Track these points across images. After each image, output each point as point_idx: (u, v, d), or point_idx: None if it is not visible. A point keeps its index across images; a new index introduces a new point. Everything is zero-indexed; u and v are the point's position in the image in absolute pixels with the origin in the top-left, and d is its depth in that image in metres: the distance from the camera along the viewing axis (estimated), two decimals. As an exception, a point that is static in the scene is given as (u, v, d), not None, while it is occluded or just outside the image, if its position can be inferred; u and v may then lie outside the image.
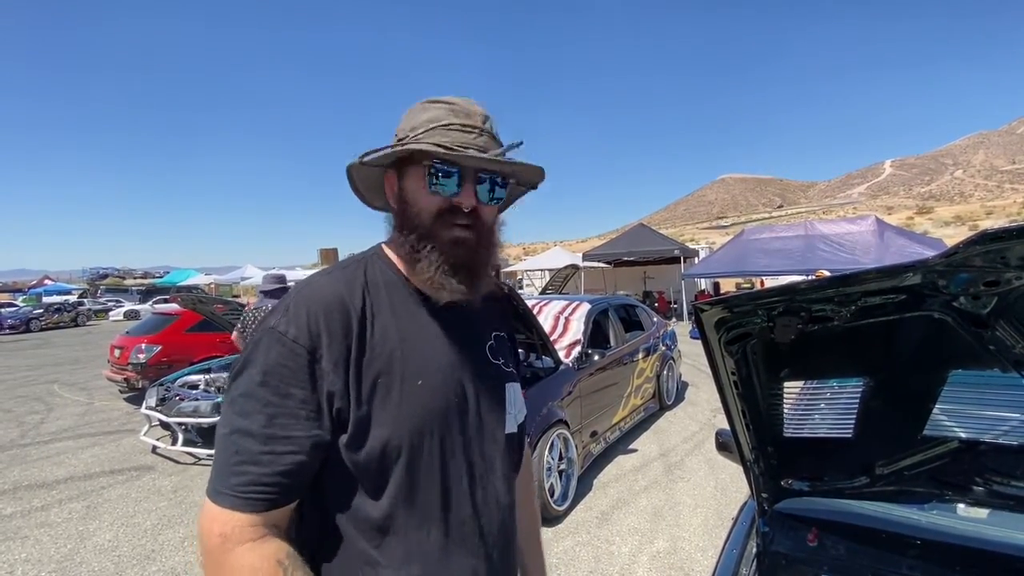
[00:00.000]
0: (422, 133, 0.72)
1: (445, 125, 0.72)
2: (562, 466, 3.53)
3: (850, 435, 1.33)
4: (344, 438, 0.68)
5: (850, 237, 11.93)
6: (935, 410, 1.22)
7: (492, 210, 0.78)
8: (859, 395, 1.28)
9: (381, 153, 0.72)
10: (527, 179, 0.81)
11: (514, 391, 0.86)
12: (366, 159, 0.73)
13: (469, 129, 0.73)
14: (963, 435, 1.27)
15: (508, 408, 0.84)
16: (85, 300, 25.46)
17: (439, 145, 0.70)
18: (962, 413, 1.27)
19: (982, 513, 1.32)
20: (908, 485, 1.33)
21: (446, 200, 0.73)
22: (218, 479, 0.64)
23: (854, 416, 1.31)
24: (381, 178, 0.80)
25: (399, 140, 0.74)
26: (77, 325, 21.55)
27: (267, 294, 4.70)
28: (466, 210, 0.74)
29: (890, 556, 1.31)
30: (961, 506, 1.34)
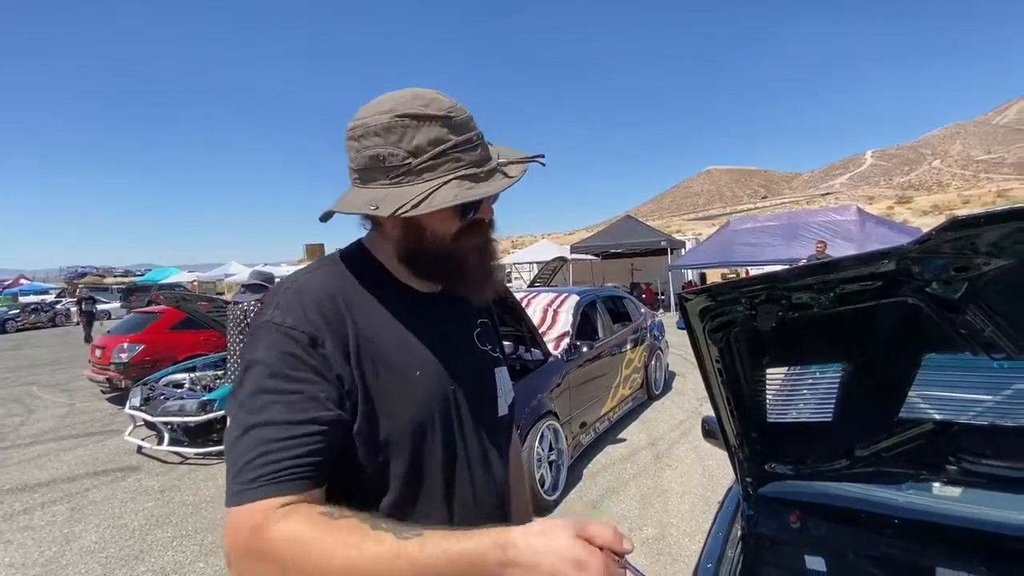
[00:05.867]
0: (431, 161, 0.69)
1: (455, 147, 0.70)
2: (552, 457, 3.56)
3: (830, 419, 1.37)
4: (352, 428, 0.68)
5: (832, 226, 12.13)
6: (911, 393, 1.26)
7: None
8: (839, 380, 1.31)
9: (420, 206, 0.66)
10: None
11: (502, 375, 0.88)
12: (405, 213, 0.66)
13: (474, 143, 0.72)
14: (937, 417, 1.32)
15: (499, 392, 0.86)
16: (63, 300, 24.88)
17: (464, 177, 0.70)
18: (936, 396, 1.31)
19: (955, 492, 1.37)
20: (886, 466, 1.38)
21: (466, 217, 0.74)
22: (237, 481, 0.60)
23: (834, 401, 1.35)
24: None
25: (400, 166, 0.69)
26: (55, 325, 21.06)
27: (246, 288, 4.56)
28: (487, 222, 0.78)
29: (869, 535, 1.35)
30: (936, 485, 1.39)
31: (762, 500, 1.50)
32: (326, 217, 0.73)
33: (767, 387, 1.34)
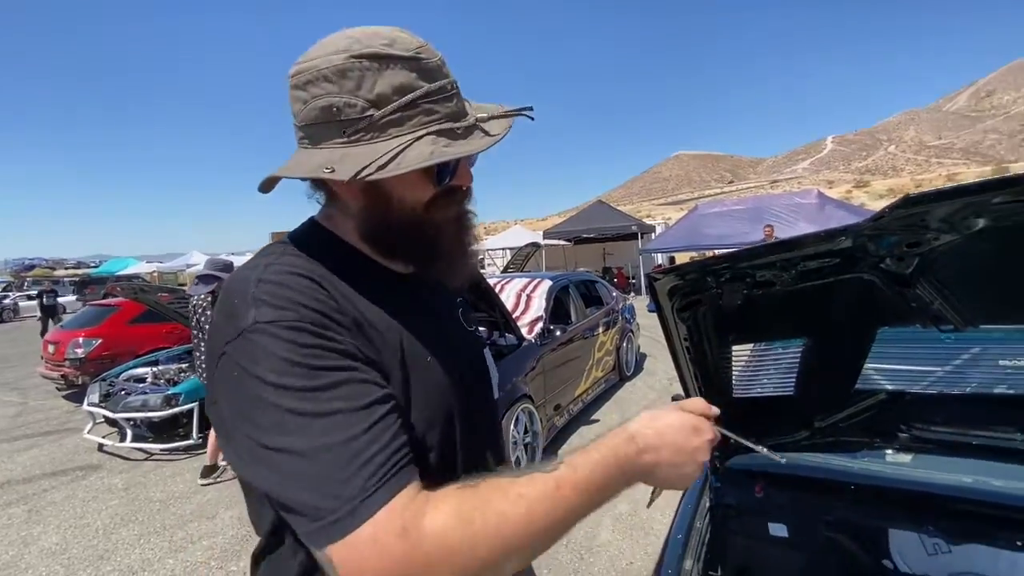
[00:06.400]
0: (397, 113, 0.57)
1: (426, 96, 0.58)
2: (527, 439, 3.61)
3: (792, 393, 1.42)
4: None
5: (795, 209, 12.57)
6: (866, 366, 1.32)
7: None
8: (799, 355, 1.37)
9: (388, 166, 0.55)
10: None
11: (488, 356, 0.84)
12: (370, 175, 0.54)
13: (448, 93, 0.60)
14: (889, 387, 1.39)
15: (490, 373, 0.82)
16: (11, 294, 23.53)
17: (439, 133, 0.59)
18: (888, 367, 1.38)
19: (907, 458, 1.46)
20: (843, 436, 1.45)
21: (442, 183, 0.63)
22: (334, 499, 0.48)
23: (795, 375, 1.40)
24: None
25: (359, 119, 0.57)
26: (2, 321, 19.94)
27: (200, 279, 4.18)
28: (465, 188, 0.67)
29: (827, 501, 1.42)
30: (888, 452, 1.47)
31: (728, 473, 1.55)
32: (267, 186, 0.60)
33: (732, 364, 1.39)
